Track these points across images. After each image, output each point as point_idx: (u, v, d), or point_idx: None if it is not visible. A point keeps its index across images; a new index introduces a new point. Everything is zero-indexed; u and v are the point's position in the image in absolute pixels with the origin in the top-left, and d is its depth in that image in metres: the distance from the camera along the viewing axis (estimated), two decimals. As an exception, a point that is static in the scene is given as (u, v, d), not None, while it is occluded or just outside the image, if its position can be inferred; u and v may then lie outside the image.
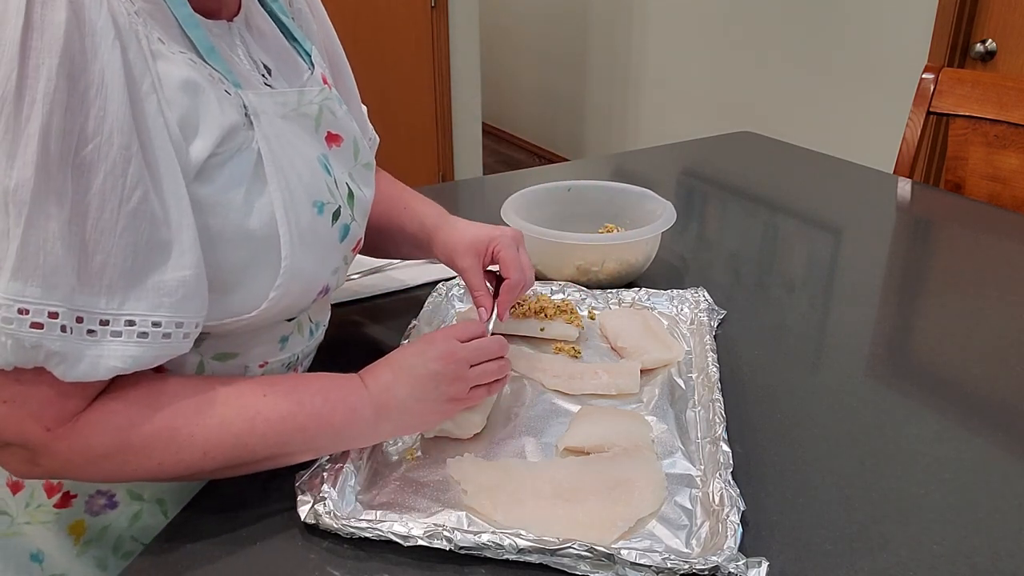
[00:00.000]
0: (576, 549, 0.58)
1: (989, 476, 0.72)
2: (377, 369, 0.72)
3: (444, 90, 3.44)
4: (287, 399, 0.65)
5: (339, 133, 0.77)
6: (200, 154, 0.61)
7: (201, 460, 0.62)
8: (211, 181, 0.62)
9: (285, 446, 0.65)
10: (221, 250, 0.63)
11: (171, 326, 0.58)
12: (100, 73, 0.54)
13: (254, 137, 0.65)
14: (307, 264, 0.68)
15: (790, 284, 1.12)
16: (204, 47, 0.64)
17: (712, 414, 0.75)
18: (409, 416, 0.71)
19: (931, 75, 1.60)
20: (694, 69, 3.47)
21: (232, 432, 0.63)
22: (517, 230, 0.90)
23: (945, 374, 0.88)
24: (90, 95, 0.54)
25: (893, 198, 1.51)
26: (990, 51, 2.30)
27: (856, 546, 0.63)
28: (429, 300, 0.99)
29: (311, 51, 0.79)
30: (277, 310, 0.68)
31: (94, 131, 0.54)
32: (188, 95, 0.60)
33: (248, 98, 0.65)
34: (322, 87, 0.76)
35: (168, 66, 0.60)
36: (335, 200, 0.72)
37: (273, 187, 0.65)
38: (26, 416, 0.57)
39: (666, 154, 1.76)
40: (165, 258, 0.58)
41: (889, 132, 2.53)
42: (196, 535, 0.64)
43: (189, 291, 0.59)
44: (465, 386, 0.72)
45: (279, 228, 0.65)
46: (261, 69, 0.72)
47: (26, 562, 0.73)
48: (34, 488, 0.72)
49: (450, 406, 0.72)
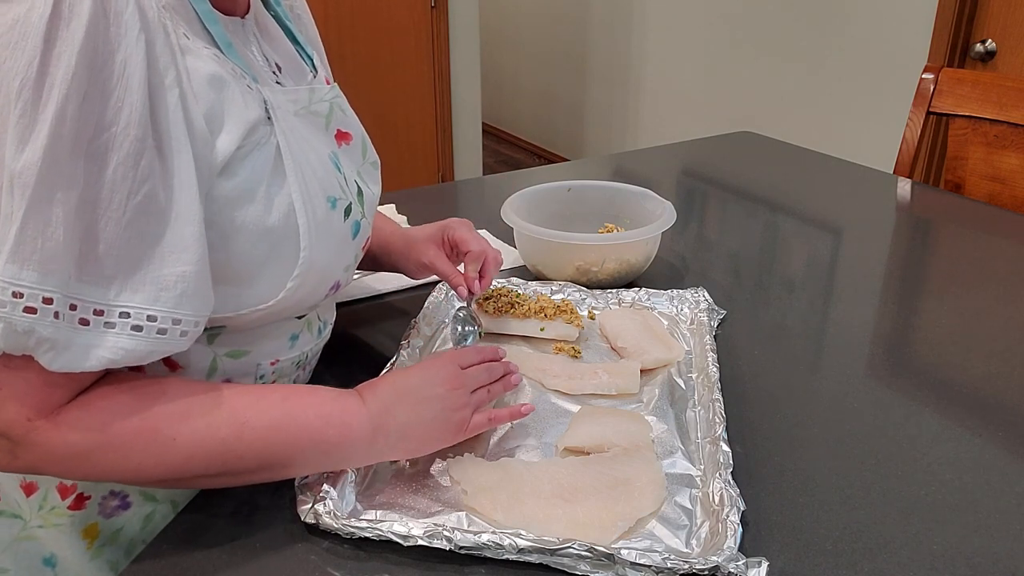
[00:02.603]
0: (576, 549, 0.58)
1: (989, 476, 0.72)
2: (379, 388, 0.70)
3: (444, 90, 3.44)
4: (278, 409, 0.64)
5: (348, 131, 0.78)
6: (227, 148, 0.61)
7: (183, 465, 0.61)
8: (235, 174, 0.62)
9: (273, 457, 0.63)
10: (242, 243, 0.63)
11: (167, 322, 0.58)
12: (123, 64, 0.54)
13: (273, 132, 0.66)
14: (322, 257, 0.69)
15: (790, 284, 1.12)
16: (223, 42, 0.64)
17: (712, 414, 0.75)
18: (406, 442, 0.68)
19: (931, 75, 1.60)
20: (694, 69, 3.47)
21: (217, 438, 0.61)
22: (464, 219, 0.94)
23: (945, 374, 0.88)
24: (110, 85, 0.54)
25: (893, 198, 1.51)
26: (990, 51, 2.30)
27: (856, 546, 0.63)
28: (429, 300, 0.99)
29: (313, 56, 0.80)
30: (292, 302, 0.68)
31: (111, 120, 0.54)
32: (214, 89, 0.61)
33: (266, 93, 0.66)
34: (333, 87, 0.77)
35: (196, 61, 0.60)
36: (346, 196, 0.73)
37: (292, 180, 0.66)
38: (10, 404, 0.57)
39: (666, 154, 1.76)
40: (167, 252, 0.57)
41: (889, 132, 2.54)
42: (196, 535, 0.64)
43: (189, 288, 0.58)
44: (468, 413, 0.70)
45: (298, 220, 0.66)
46: (273, 67, 0.73)
47: (39, 566, 0.72)
48: (48, 490, 0.71)
49: (450, 434, 0.70)
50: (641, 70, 3.81)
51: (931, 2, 2.39)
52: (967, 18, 2.33)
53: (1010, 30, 2.26)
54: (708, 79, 3.40)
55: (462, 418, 0.70)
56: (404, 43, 3.29)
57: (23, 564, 0.73)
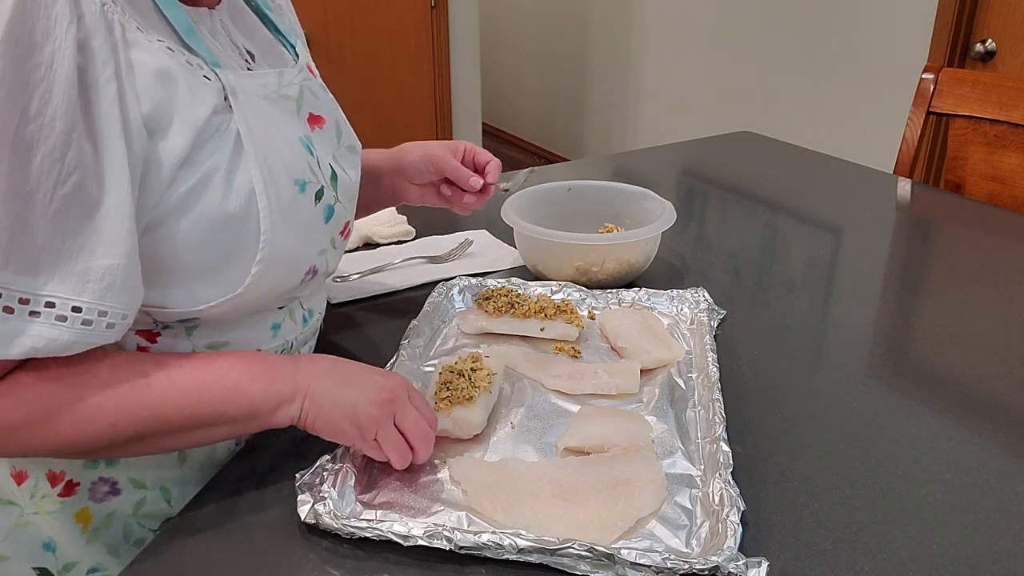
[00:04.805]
0: (576, 549, 0.58)
1: (989, 476, 0.72)
2: (319, 359, 0.70)
3: (444, 90, 3.44)
4: (205, 368, 0.65)
5: (321, 115, 0.77)
6: (182, 142, 0.61)
7: (111, 432, 0.62)
8: (194, 165, 0.63)
9: (200, 417, 0.64)
10: (207, 234, 0.63)
11: (93, 313, 0.58)
12: (50, 56, 0.55)
13: (232, 118, 0.66)
14: (289, 241, 0.68)
15: (790, 284, 1.12)
16: (183, 27, 0.64)
17: (712, 414, 0.75)
18: (317, 411, 0.66)
19: (931, 75, 1.60)
20: (694, 69, 3.47)
21: (141, 402, 0.62)
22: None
23: (945, 374, 0.88)
24: (36, 77, 0.54)
25: (893, 198, 1.51)
26: (990, 51, 2.30)
27: (856, 546, 0.63)
28: (429, 300, 0.99)
29: (296, 44, 0.81)
30: (263, 289, 0.68)
31: (37, 112, 0.54)
32: (162, 84, 0.61)
33: (227, 78, 0.66)
34: (302, 69, 0.77)
35: (143, 55, 0.60)
36: (318, 180, 0.73)
37: (251, 163, 0.65)
38: None
39: (666, 154, 1.76)
40: (95, 245, 0.58)
41: (889, 132, 2.53)
42: (196, 535, 0.65)
43: (116, 281, 0.59)
44: (374, 428, 0.67)
45: (258, 202, 0.65)
46: (244, 55, 0.73)
47: (39, 551, 0.74)
48: (37, 478, 0.72)
49: (353, 428, 0.67)
50: (641, 70, 3.81)
51: (931, 2, 2.39)
52: (967, 18, 2.33)
53: (1010, 30, 2.26)
54: (708, 79, 3.39)
55: (370, 421, 0.66)
56: (404, 43, 3.29)
57: (24, 551, 0.74)
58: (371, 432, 0.67)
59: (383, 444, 0.67)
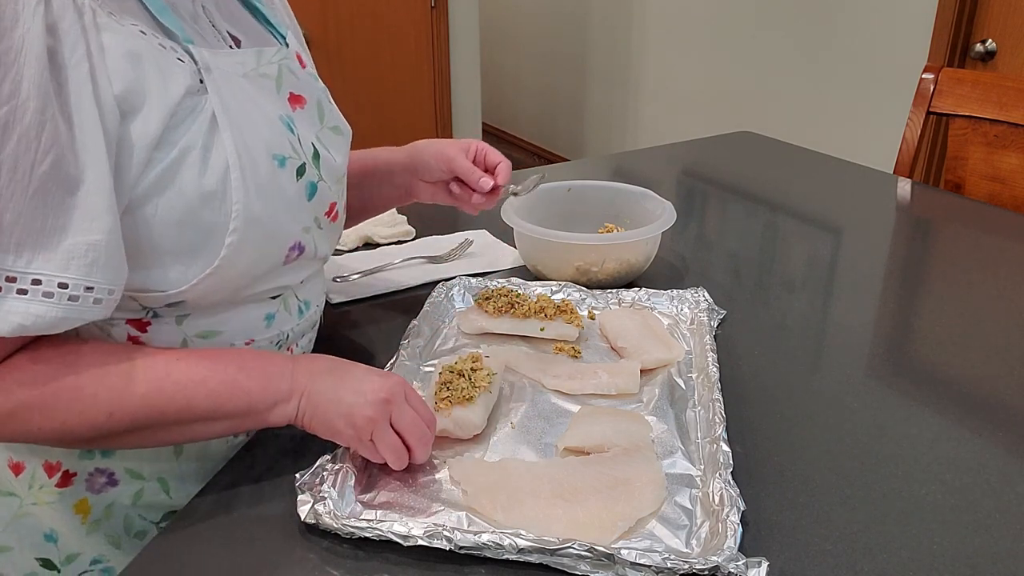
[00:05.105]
0: (576, 549, 0.58)
1: (989, 476, 0.72)
2: (317, 359, 0.71)
3: (444, 90, 3.44)
4: (202, 363, 0.65)
5: (301, 94, 0.77)
6: (156, 122, 0.62)
7: (107, 421, 0.62)
8: (169, 145, 0.63)
9: (195, 411, 0.65)
10: (184, 213, 0.64)
11: (79, 289, 0.59)
12: (20, 40, 0.55)
13: (207, 99, 0.66)
14: (266, 213, 0.68)
15: (790, 284, 1.12)
16: (156, 6, 0.65)
17: (712, 414, 0.75)
18: (314, 410, 0.67)
19: (931, 75, 1.60)
20: (694, 69, 3.47)
21: (138, 392, 0.63)
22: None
23: (945, 374, 0.88)
24: (7, 60, 0.55)
25: (893, 198, 1.51)
26: (990, 51, 2.30)
27: (856, 546, 0.63)
28: (429, 300, 0.99)
29: (286, 35, 0.81)
30: (243, 264, 0.68)
31: (10, 93, 0.55)
32: (133, 66, 0.61)
33: (200, 54, 0.66)
34: (280, 47, 0.77)
35: (114, 37, 0.61)
36: (298, 156, 0.73)
37: (227, 138, 0.66)
38: None
39: (666, 154, 1.76)
40: (77, 221, 0.58)
41: (889, 132, 2.53)
42: (196, 534, 0.65)
43: (100, 257, 0.59)
44: (370, 429, 0.66)
45: (231, 173, 0.66)
46: (227, 39, 0.73)
47: (41, 542, 0.74)
48: (35, 469, 0.73)
49: (349, 432, 0.67)
50: (641, 70, 3.81)
51: (931, 2, 2.39)
52: (967, 18, 2.33)
53: (1010, 30, 2.26)
54: (708, 79, 3.39)
55: (366, 421, 0.66)
56: (404, 43, 3.29)
57: (26, 541, 0.75)
58: (367, 432, 0.67)
59: (379, 445, 0.67)
